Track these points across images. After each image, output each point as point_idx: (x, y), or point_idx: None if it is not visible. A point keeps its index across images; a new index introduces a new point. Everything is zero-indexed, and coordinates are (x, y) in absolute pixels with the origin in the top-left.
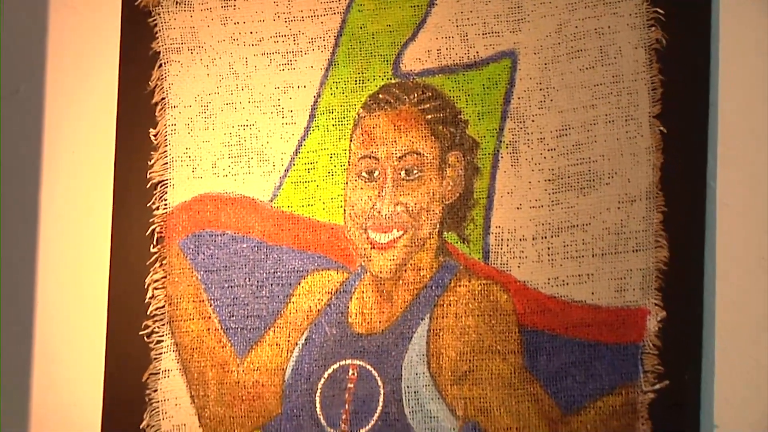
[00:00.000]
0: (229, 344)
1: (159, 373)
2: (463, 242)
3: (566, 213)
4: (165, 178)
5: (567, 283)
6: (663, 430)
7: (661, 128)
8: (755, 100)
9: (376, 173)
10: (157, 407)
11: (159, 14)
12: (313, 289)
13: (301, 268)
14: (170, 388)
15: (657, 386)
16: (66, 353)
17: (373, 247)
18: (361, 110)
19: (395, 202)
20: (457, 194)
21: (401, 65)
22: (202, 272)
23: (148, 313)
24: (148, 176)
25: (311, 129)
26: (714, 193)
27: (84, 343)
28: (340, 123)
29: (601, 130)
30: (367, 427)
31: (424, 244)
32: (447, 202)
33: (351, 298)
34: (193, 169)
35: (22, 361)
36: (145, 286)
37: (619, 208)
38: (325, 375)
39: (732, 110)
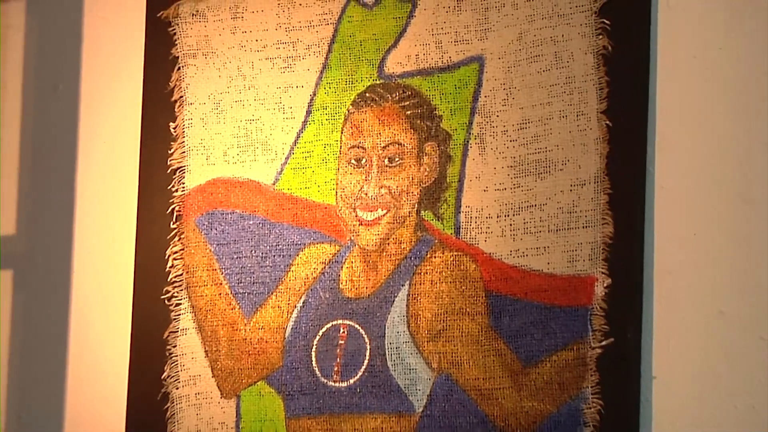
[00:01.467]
0: (238, 307)
1: (178, 331)
2: (438, 220)
3: (526, 195)
4: (183, 165)
5: (526, 255)
6: (609, 381)
7: (607, 122)
8: (687, 98)
9: (364, 161)
10: (176, 360)
11: (177, 24)
12: (309, 260)
13: (299, 242)
14: (187, 344)
15: (603, 343)
16: (98, 314)
17: (361, 224)
18: (351, 107)
19: (380, 185)
20: (433, 179)
21: (385, 68)
22: (214, 245)
23: (168, 280)
24: (168, 163)
25: (308, 123)
26: (652, 178)
27: (113, 305)
28: (333, 118)
29: (555, 123)
30: (356, 378)
31: (404, 221)
32: (424, 186)
33: (342, 267)
34: (207, 157)
35: (61, 320)
36: (166, 257)
37: (571, 190)
38: (320, 333)
39: (667, 106)
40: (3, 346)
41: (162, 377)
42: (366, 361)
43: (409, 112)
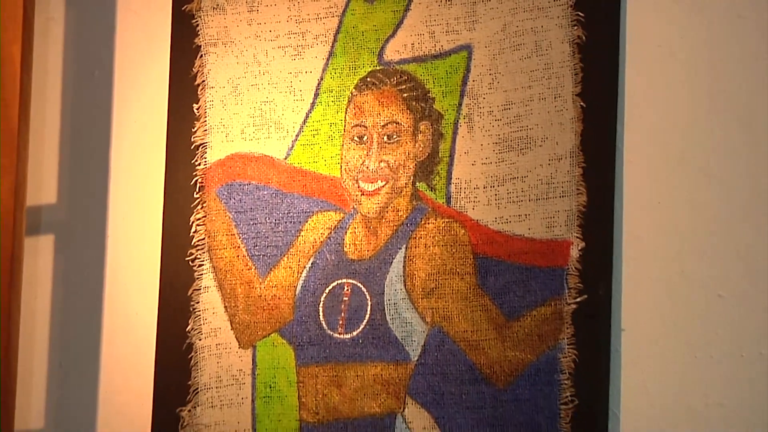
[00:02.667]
0: (254, 267)
1: (200, 289)
2: (431, 190)
3: (509, 168)
4: (205, 142)
5: (509, 221)
6: (582, 333)
7: (582, 104)
8: (652, 82)
9: (365, 138)
10: (199, 315)
11: (200, 17)
12: (317, 226)
13: (308, 210)
14: (209, 301)
15: (578, 299)
16: (130, 274)
17: (363, 194)
18: (354, 90)
19: (379, 159)
20: (427, 154)
21: (384, 56)
22: (233, 213)
23: (192, 243)
24: (192, 140)
25: (316, 104)
26: (621, 153)
27: (144, 266)
28: (338, 100)
29: (535, 105)
30: (358, 330)
31: (401, 192)
32: (419, 160)
33: (346, 232)
34: (226, 135)
35: (97, 280)
36: (190, 223)
37: (549, 164)
38: (326, 291)
39: (635, 90)
40: (46, 301)
41: (187, 330)
42: (367, 316)
43: (405, 95)
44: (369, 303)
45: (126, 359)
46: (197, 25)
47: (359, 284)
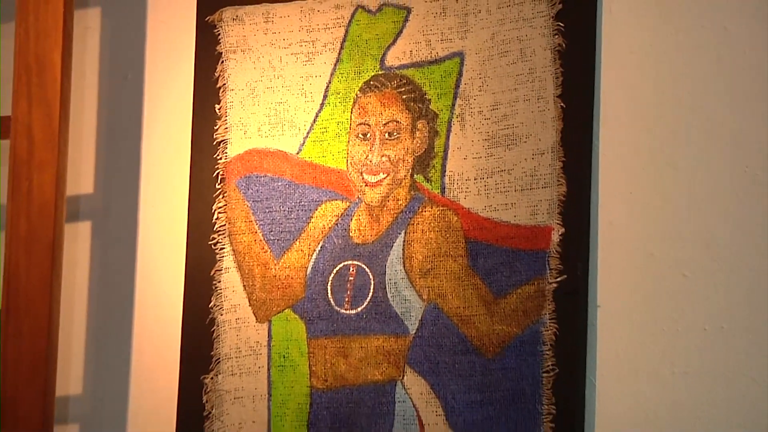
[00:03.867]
0: (269, 250)
1: (222, 269)
2: (428, 182)
3: (497, 162)
4: (225, 138)
5: (497, 209)
6: (562, 309)
7: (562, 104)
8: (625, 85)
9: (368, 135)
10: (221, 293)
11: (221, 27)
12: (325, 213)
13: (318, 199)
14: (229, 280)
15: (558, 279)
16: (159, 257)
17: (366, 185)
18: (359, 92)
19: (381, 154)
20: (423, 149)
21: (385, 62)
22: (250, 202)
23: (214, 229)
24: (214, 137)
25: (324, 105)
26: (597, 149)
27: (171, 249)
28: (344, 101)
29: (521, 105)
30: (362, 307)
31: (401, 183)
32: (416, 155)
33: (351, 219)
34: (245, 132)
35: (130, 262)
36: (212, 211)
37: (533, 158)
38: (334, 271)
39: (609, 92)
40: (84, 281)
41: (209, 306)
42: (370, 294)
43: (404, 96)
44: (372, 282)
45: (155, 332)
46: (219, 35)
47: (363, 265)
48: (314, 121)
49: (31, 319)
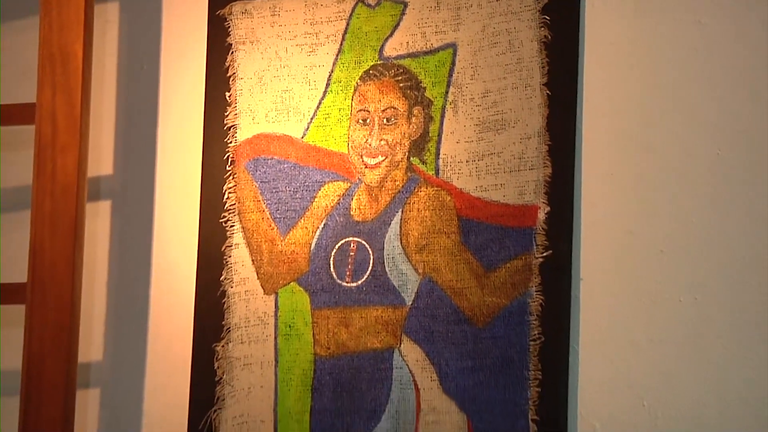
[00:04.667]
0: (276, 227)
1: (232, 245)
2: (423, 164)
3: (487, 145)
4: (235, 123)
5: (487, 190)
6: (548, 282)
7: (548, 92)
8: (606, 74)
9: (368, 120)
10: (231, 267)
11: (231, 20)
12: (328, 193)
13: (321, 180)
14: (239, 255)
15: (544, 254)
16: (174, 234)
17: (366, 167)
18: (359, 81)
19: (380, 138)
20: (419, 133)
21: (384, 52)
22: (258, 182)
23: (225, 208)
24: (225, 122)
25: (327, 93)
26: (581, 133)
27: (185, 226)
28: (345, 89)
29: (509, 93)
30: (362, 280)
31: (398, 165)
32: (412, 139)
33: (352, 198)
34: (253, 118)
35: (147, 238)
36: (223, 191)
37: (520, 142)
38: (336, 247)
39: (591, 80)
40: (104, 256)
41: (220, 279)
42: (370, 268)
43: (401, 85)
44: (371, 257)
45: (170, 303)
46: (229, 27)
47: (363, 242)
48: (317, 107)
49: (54, 291)
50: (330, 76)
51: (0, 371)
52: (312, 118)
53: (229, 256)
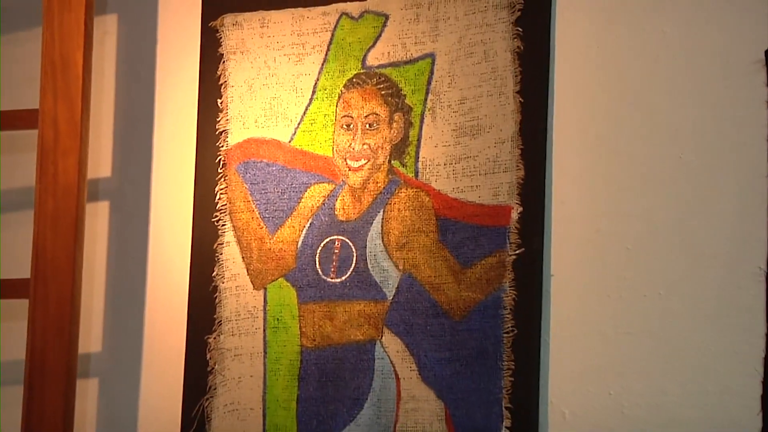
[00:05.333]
0: (265, 227)
1: (223, 243)
2: (403, 167)
3: (463, 149)
4: (226, 128)
5: (464, 191)
6: (520, 278)
7: (521, 99)
8: (575, 82)
9: (351, 126)
10: (222, 263)
11: (222, 31)
12: (314, 194)
13: (307, 182)
14: (230, 252)
15: (517, 252)
16: (169, 232)
17: (350, 170)
18: (343, 88)
19: (363, 142)
20: (400, 138)
21: (366, 62)
22: (248, 184)
23: (216, 207)
24: (217, 127)
25: (313, 100)
26: (551, 138)
27: (179, 224)
28: (330, 96)
29: (484, 100)
30: (346, 276)
31: (380, 168)
32: (393, 143)
33: (336, 199)
34: (243, 123)
35: (143, 236)
36: (215, 192)
37: (495, 146)
38: (321, 245)
39: (561, 89)
40: (103, 253)
41: (212, 275)
42: (353, 264)
43: (383, 92)
44: (354, 254)
45: (165, 297)
46: (220, 38)
47: (347, 240)
48: (304, 113)
49: (56, 286)
50: (316, 84)
51: (2, 362)
52: (299, 124)
53: (221, 254)
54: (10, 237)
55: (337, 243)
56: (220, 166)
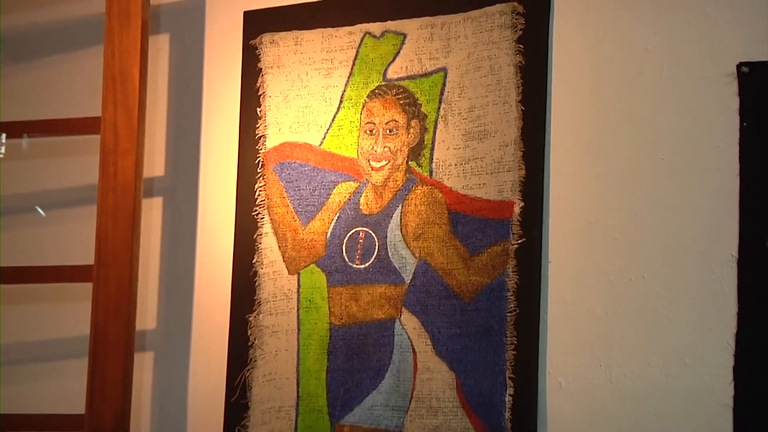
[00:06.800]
0: (298, 219)
1: (262, 234)
2: (419, 167)
3: (472, 151)
4: (265, 134)
5: (473, 188)
6: (522, 264)
7: (522, 107)
8: (570, 92)
9: (374, 131)
10: (261, 251)
11: (261, 49)
12: (341, 191)
13: (335, 180)
14: (268, 242)
15: (519, 241)
16: (214, 223)
17: (372, 169)
18: (366, 98)
19: (384, 146)
20: (416, 142)
21: (387, 75)
22: (284, 182)
23: (256, 203)
24: (256, 132)
25: (340, 108)
26: (549, 141)
27: (223, 218)
28: (356, 105)
29: (490, 108)
30: (369, 262)
31: (398, 168)
32: (411, 146)
33: (361, 195)
34: (279, 129)
35: (192, 227)
36: (255, 189)
37: (500, 149)
38: (348, 235)
39: (558, 98)
40: (157, 243)
41: (253, 261)
42: (375, 252)
43: (401, 102)
44: (377, 244)
45: (211, 281)
46: (259, 54)
47: (370, 231)
48: (332, 120)
49: (116, 271)
50: (343, 94)
51: (70, 338)
52: (328, 129)
53: (260, 243)
54: (76, 229)
55: (361, 234)
56: (259, 166)
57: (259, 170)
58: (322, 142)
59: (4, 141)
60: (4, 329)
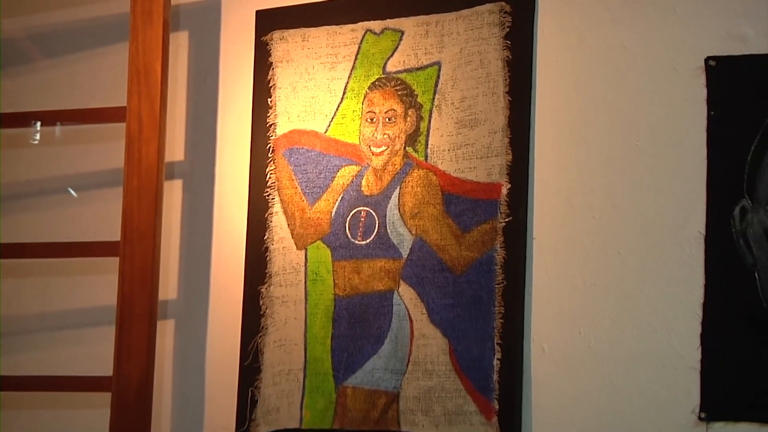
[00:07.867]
0: (305, 200)
1: (272, 213)
2: (416, 152)
3: (463, 137)
4: (275, 122)
5: (464, 171)
6: (508, 240)
7: (509, 98)
8: (553, 85)
9: (374, 119)
10: (272, 229)
11: (272, 44)
12: (344, 174)
13: (339, 164)
14: (278, 220)
15: (506, 220)
16: (229, 204)
17: (373, 155)
18: (367, 90)
19: (383, 133)
20: (413, 129)
21: (386, 68)
22: (292, 166)
23: (267, 185)
24: (267, 120)
25: (344, 99)
26: (534, 129)
27: (237, 199)
28: (357, 96)
29: (480, 99)
30: (370, 239)
31: (397, 153)
32: (408, 133)
33: (362, 178)
34: (288, 117)
35: (209, 208)
36: (266, 172)
37: (488, 136)
38: (350, 214)
39: (542, 90)
40: (177, 222)
41: (264, 238)
42: (376, 230)
43: (399, 93)
44: (377, 222)
45: (227, 256)
46: (270, 50)
47: (371, 210)
48: (336, 110)
49: (141, 246)
50: (346, 86)
51: (98, 307)
52: (332, 118)
53: (270, 221)
54: (104, 208)
55: (363, 213)
56: (270, 151)
57: (269, 155)
58: (327, 130)
59: (39, 129)
60: (40, 299)
